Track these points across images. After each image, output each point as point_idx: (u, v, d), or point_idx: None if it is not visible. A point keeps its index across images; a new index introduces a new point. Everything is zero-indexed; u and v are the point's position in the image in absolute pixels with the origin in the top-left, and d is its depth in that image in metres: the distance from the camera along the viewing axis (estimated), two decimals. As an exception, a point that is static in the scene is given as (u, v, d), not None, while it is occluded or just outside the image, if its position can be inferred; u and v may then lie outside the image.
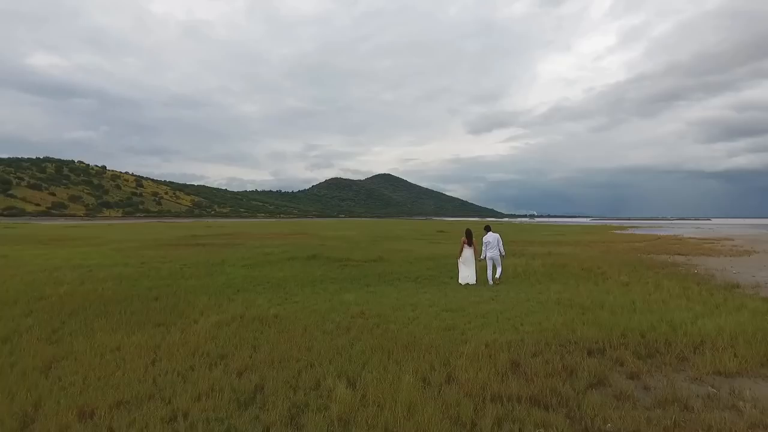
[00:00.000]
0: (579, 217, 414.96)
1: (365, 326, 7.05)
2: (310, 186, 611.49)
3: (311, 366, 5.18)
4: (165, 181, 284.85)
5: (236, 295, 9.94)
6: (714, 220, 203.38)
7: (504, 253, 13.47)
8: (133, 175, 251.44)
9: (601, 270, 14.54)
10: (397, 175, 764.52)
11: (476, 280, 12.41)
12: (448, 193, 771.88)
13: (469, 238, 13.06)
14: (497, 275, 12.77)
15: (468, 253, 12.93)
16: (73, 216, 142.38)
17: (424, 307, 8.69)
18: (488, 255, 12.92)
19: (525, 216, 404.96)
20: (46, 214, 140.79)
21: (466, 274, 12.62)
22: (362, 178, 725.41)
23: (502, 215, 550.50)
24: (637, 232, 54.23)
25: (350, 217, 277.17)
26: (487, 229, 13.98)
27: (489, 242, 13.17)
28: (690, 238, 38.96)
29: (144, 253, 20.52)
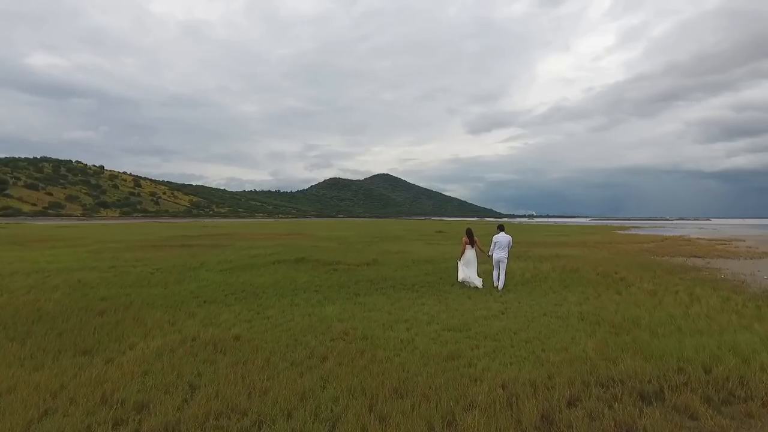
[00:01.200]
0: (578, 217, 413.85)
1: (346, 353, 5.55)
2: (309, 186, 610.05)
3: (258, 427, 3.67)
4: (163, 181, 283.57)
5: (199, 308, 8.42)
6: (713, 220, 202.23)
7: (508, 258, 12.26)
8: (131, 175, 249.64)
9: (619, 275, 13.05)
10: (396, 175, 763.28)
11: (482, 284, 11.48)
12: (447, 193, 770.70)
13: (471, 238, 12.14)
14: (501, 284, 11.49)
15: (470, 254, 11.99)
16: (70, 216, 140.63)
17: (421, 325, 7.19)
18: (496, 256, 11.86)
19: (524, 216, 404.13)
20: (42, 214, 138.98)
21: (467, 273, 11.82)
22: (361, 178, 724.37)
23: (501, 215, 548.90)
24: (641, 232, 52.78)
25: (349, 217, 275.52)
26: (500, 228, 12.70)
27: (498, 242, 12.07)
28: (698, 238, 37.51)
29: (121, 255, 18.98)
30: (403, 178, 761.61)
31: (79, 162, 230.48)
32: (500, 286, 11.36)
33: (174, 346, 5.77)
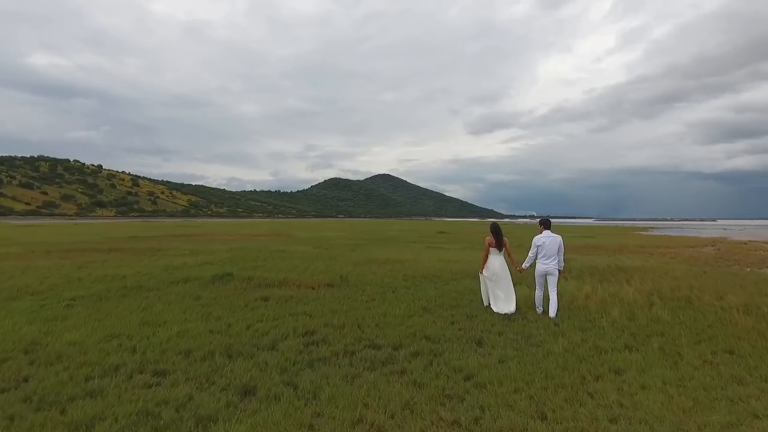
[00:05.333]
0: (578, 217, 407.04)
1: None
2: (309, 186, 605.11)
3: None
4: (162, 180, 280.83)
5: None
6: (719, 221, 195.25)
7: (563, 267, 7.66)
8: (129, 174, 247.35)
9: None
10: (397, 176, 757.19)
11: (516, 306, 7.33)
12: (447, 194, 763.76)
13: (498, 238, 7.77)
14: (554, 309, 7.16)
15: (497, 262, 7.70)
16: (63, 215, 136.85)
17: None
18: (541, 267, 7.54)
19: (525, 216, 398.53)
20: (34, 213, 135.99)
21: (499, 295, 7.46)
22: (361, 178, 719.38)
23: (502, 216, 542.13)
24: (664, 233, 46.76)
25: (349, 217, 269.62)
26: (545, 225, 7.78)
27: (544, 245, 7.53)
28: (750, 240, 31.35)
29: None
30: (404, 179, 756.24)
31: (77, 161, 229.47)
32: (552, 313, 7.12)
33: None
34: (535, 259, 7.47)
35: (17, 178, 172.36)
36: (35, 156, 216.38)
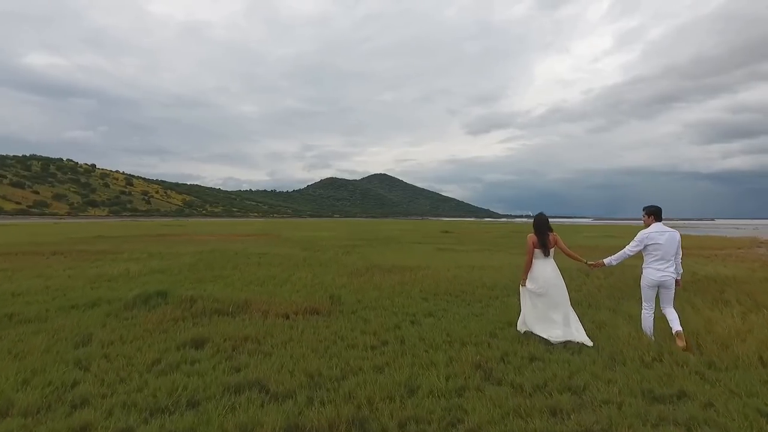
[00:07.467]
0: (577, 217, 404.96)
1: None
2: (306, 186, 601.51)
3: None
4: (157, 180, 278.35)
5: None
6: (717, 221, 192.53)
7: (680, 274, 5.09)
8: (123, 173, 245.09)
9: None
10: (393, 175, 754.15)
11: (584, 335, 4.89)
12: (444, 194, 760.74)
13: (543, 237, 5.29)
14: (675, 327, 4.71)
15: (546, 268, 5.28)
16: (54, 215, 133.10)
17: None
18: (654, 275, 4.93)
19: (522, 216, 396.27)
20: (24, 212, 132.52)
21: (554, 319, 5.02)
22: (358, 178, 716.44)
23: (499, 215, 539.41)
24: (686, 233, 43.36)
25: (345, 216, 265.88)
26: (654, 215, 5.16)
27: (657, 242, 4.93)
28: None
29: None
30: (401, 178, 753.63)
31: (70, 160, 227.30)
32: (675, 328, 4.70)
33: None
34: (648, 260, 4.99)
35: (8, 177, 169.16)
36: (27, 155, 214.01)
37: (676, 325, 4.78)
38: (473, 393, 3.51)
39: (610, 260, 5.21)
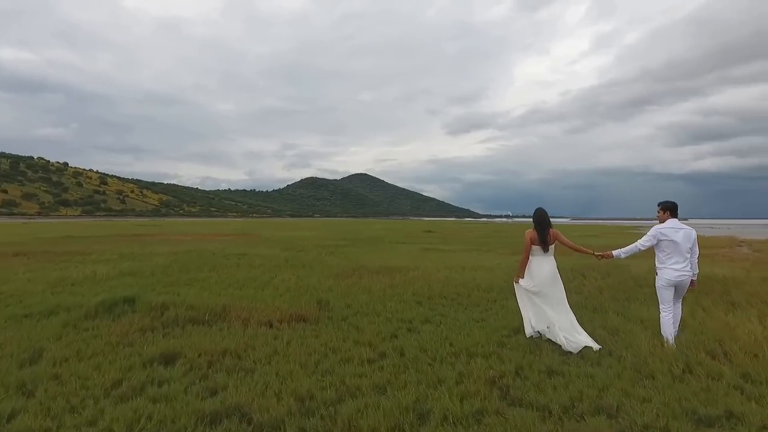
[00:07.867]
0: (554, 217, 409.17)
1: None
2: (285, 186, 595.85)
3: None
4: (132, 179, 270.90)
5: None
6: (690, 221, 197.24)
7: (696, 274, 4.81)
8: (97, 172, 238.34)
9: None
10: (374, 175, 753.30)
11: (590, 339, 4.59)
12: (424, 194, 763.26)
13: (544, 232, 4.99)
14: (677, 327, 4.77)
15: (544, 266, 4.98)
16: (23, 215, 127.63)
17: None
18: (671, 274, 4.63)
19: (501, 216, 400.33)
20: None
21: (555, 319, 4.71)
22: (338, 178, 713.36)
23: (479, 215, 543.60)
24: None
25: (325, 216, 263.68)
26: (669, 210, 4.84)
27: (669, 239, 4.63)
28: None
29: None
30: (381, 178, 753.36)
31: (41, 158, 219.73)
32: (675, 332, 4.68)
33: None
34: (664, 258, 4.68)
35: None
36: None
37: (676, 325, 4.77)
38: (494, 418, 3.00)
39: (619, 252, 4.92)
